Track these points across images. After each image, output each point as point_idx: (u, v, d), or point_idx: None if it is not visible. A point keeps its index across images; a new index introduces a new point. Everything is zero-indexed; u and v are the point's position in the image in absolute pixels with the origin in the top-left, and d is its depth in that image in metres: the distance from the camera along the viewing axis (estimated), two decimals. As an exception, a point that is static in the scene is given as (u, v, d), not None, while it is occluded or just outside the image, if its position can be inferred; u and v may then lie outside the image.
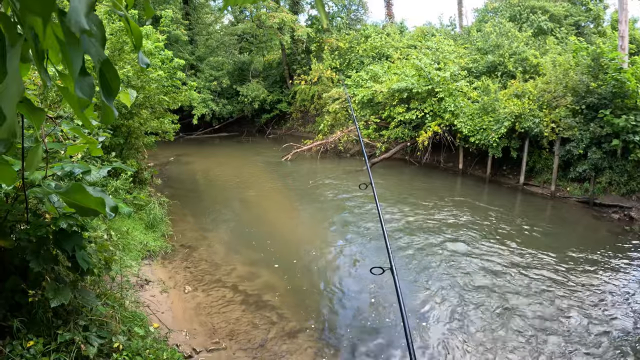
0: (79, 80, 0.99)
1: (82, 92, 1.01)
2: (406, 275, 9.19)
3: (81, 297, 4.51)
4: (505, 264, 9.82)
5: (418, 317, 7.64)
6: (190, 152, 23.93)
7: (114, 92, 1.20)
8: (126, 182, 9.91)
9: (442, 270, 9.44)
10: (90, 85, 1.04)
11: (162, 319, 6.76)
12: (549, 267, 9.73)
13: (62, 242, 3.97)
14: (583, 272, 9.59)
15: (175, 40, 27.43)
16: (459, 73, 20.86)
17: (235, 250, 10.48)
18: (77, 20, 0.84)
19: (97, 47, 1.06)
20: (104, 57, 1.11)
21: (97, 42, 1.06)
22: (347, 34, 31.03)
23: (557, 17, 27.65)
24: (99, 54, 1.08)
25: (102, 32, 1.07)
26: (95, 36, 1.03)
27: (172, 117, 14.25)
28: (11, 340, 3.80)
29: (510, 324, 7.47)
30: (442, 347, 6.87)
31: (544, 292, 8.63)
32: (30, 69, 1.46)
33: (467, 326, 7.39)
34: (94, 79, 1.08)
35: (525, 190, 16.82)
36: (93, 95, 1.06)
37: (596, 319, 7.70)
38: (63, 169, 3.92)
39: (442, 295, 8.40)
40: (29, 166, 2.56)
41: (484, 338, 7.09)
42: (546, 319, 7.67)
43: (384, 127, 21.78)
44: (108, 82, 1.17)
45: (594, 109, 15.19)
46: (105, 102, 1.16)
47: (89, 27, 0.88)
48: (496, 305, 8.04)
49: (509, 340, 7.06)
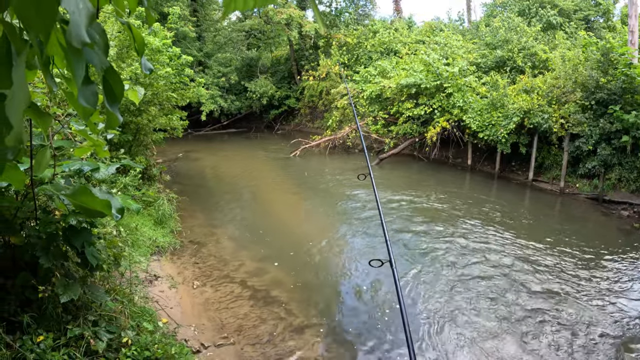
0: (82, 90, 1.02)
1: (86, 101, 1.04)
2: (413, 269, 9.19)
3: (90, 293, 4.57)
4: (511, 259, 9.80)
5: (421, 311, 7.66)
6: (198, 149, 23.99)
7: (118, 98, 1.23)
8: (135, 178, 9.99)
9: (447, 265, 9.44)
10: (93, 93, 1.07)
11: (170, 314, 6.82)
12: (557, 264, 9.70)
13: (71, 239, 4.02)
14: (591, 269, 9.55)
15: (183, 37, 27.49)
16: (468, 68, 20.75)
17: (243, 246, 10.53)
18: (78, 33, 0.86)
19: (100, 55, 1.09)
20: (107, 65, 1.14)
21: (100, 50, 1.08)
22: (355, 29, 30.93)
23: (566, 12, 27.40)
24: (102, 62, 1.10)
25: (104, 40, 1.09)
26: (97, 44, 1.06)
27: (181, 113, 14.32)
28: (21, 335, 3.86)
29: (514, 318, 7.47)
30: (447, 340, 6.89)
31: (550, 289, 8.61)
32: (36, 74, 1.49)
33: (472, 318, 7.39)
34: (97, 86, 1.11)
35: (534, 186, 16.74)
36: (97, 103, 1.09)
37: (604, 317, 7.68)
38: (72, 167, 3.97)
39: (447, 289, 8.40)
40: (37, 168, 2.60)
41: (488, 331, 7.09)
42: (554, 315, 7.66)
43: (393, 122, 21.73)
44: (112, 88, 1.20)
45: (603, 105, 15.08)
46: (109, 109, 1.19)
47: (90, 40, 0.90)
48: (502, 301, 8.03)
49: (514, 334, 7.06)
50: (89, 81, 1.03)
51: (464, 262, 9.63)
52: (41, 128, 1.79)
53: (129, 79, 10.51)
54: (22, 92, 0.98)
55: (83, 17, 0.89)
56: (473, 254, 10.04)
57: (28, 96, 0.99)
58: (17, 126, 0.95)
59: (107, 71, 1.16)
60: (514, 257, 9.94)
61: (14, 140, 0.97)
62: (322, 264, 9.67)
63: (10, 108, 0.94)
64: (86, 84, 1.02)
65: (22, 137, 1.01)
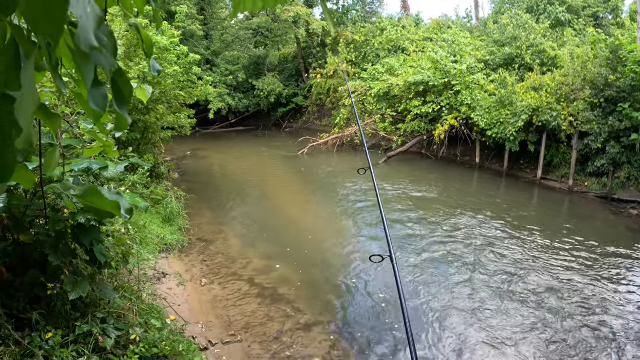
0: (91, 92, 1.02)
1: (96, 105, 1.04)
2: (420, 265, 9.18)
3: (99, 290, 4.59)
4: (519, 258, 9.77)
5: (426, 307, 7.65)
6: (206, 147, 24.05)
7: (127, 99, 1.23)
8: (143, 176, 10.02)
9: (454, 262, 9.43)
10: (103, 95, 1.07)
11: (178, 312, 6.85)
12: (564, 263, 9.66)
13: (80, 237, 4.03)
14: (600, 268, 9.50)
15: (190, 36, 27.57)
16: (476, 66, 20.67)
17: (251, 243, 10.56)
18: (87, 38, 0.87)
19: (109, 57, 1.09)
20: (115, 67, 1.14)
21: (109, 52, 1.08)
22: (363, 27, 30.89)
23: (575, 9, 27.24)
24: (110, 64, 1.11)
25: (113, 42, 1.10)
26: (106, 47, 1.07)
27: (189, 111, 14.37)
28: (30, 332, 3.89)
29: (521, 316, 7.44)
30: (456, 338, 6.88)
31: (557, 287, 8.57)
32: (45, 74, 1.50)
33: (480, 316, 7.38)
34: (107, 88, 1.12)
35: (543, 184, 16.66)
36: (107, 105, 1.09)
37: (613, 316, 7.65)
38: (81, 165, 4.00)
39: (453, 284, 8.39)
40: (47, 168, 2.62)
41: (498, 330, 7.08)
42: (562, 315, 7.62)
43: (401, 120, 21.71)
44: (120, 90, 1.21)
45: (612, 103, 14.98)
46: (118, 111, 1.20)
47: (99, 43, 0.91)
48: (509, 298, 8.01)
49: (522, 332, 7.04)
50: (98, 83, 1.03)
51: (471, 260, 9.60)
52: (50, 129, 1.80)
53: (137, 77, 10.55)
54: (31, 95, 0.99)
55: (92, 21, 0.89)
56: (480, 252, 10.01)
57: (37, 99, 1.00)
58: (26, 129, 0.96)
59: (115, 73, 1.17)
60: (519, 255, 9.90)
61: (23, 142, 0.98)
62: (330, 261, 9.68)
63: (20, 111, 0.94)
64: (96, 87, 1.03)
65: (31, 140, 1.02)
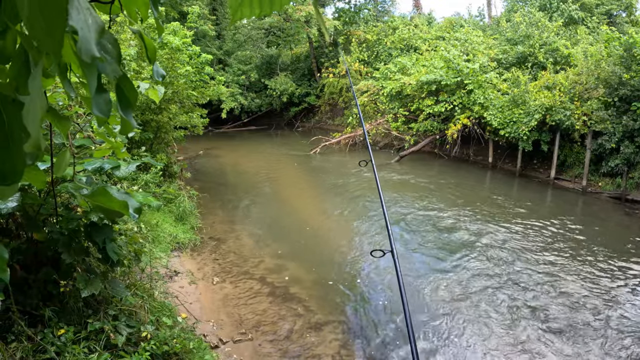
0: (95, 99, 1.06)
1: (99, 111, 1.08)
2: (428, 262, 9.18)
3: (111, 288, 4.67)
4: (530, 258, 9.72)
5: (431, 306, 7.64)
6: (219, 146, 24.15)
7: (132, 105, 1.27)
8: (156, 175, 10.12)
9: (464, 260, 9.40)
10: (107, 102, 1.11)
11: (190, 310, 6.92)
12: (577, 263, 9.60)
13: (93, 235, 4.10)
14: (612, 269, 9.43)
15: (202, 36, 27.70)
16: (489, 64, 20.56)
17: (263, 242, 10.61)
18: (88, 48, 0.90)
19: (112, 65, 1.13)
20: (119, 74, 1.18)
21: (113, 59, 1.13)
22: (375, 26, 30.83)
23: (588, 6, 26.97)
24: (114, 72, 1.15)
25: (117, 50, 1.14)
26: (110, 54, 1.11)
27: (201, 111, 14.46)
28: (43, 328, 3.97)
29: (533, 319, 7.42)
30: (459, 337, 6.88)
31: (568, 289, 8.52)
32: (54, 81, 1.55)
33: (488, 318, 7.37)
34: (110, 95, 1.15)
35: (556, 184, 16.54)
36: (110, 111, 1.13)
37: (627, 318, 7.60)
38: (93, 165, 4.07)
39: (461, 281, 8.37)
40: (57, 169, 2.68)
41: (506, 332, 7.07)
42: (574, 318, 7.58)
43: (413, 119, 21.66)
44: (125, 96, 1.25)
45: (626, 102, 14.82)
46: (123, 116, 1.24)
47: (102, 52, 0.95)
48: (519, 301, 7.98)
49: (532, 335, 7.02)
50: (102, 90, 1.07)
51: (482, 258, 9.58)
52: (60, 131, 1.85)
53: (149, 77, 10.64)
54: (39, 101, 1.03)
55: (92, 32, 0.93)
56: (490, 251, 9.98)
57: (45, 104, 1.04)
58: (34, 133, 1.01)
59: (120, 79, 1.21)
60: (531, 256, 9.85)
61: (32, 146, 1.02)
62: (341, 260, 9.70)
63: (28, 116, 0.99)
64: (99, 93, 1.07)
65: (40, 143, 1.06)
